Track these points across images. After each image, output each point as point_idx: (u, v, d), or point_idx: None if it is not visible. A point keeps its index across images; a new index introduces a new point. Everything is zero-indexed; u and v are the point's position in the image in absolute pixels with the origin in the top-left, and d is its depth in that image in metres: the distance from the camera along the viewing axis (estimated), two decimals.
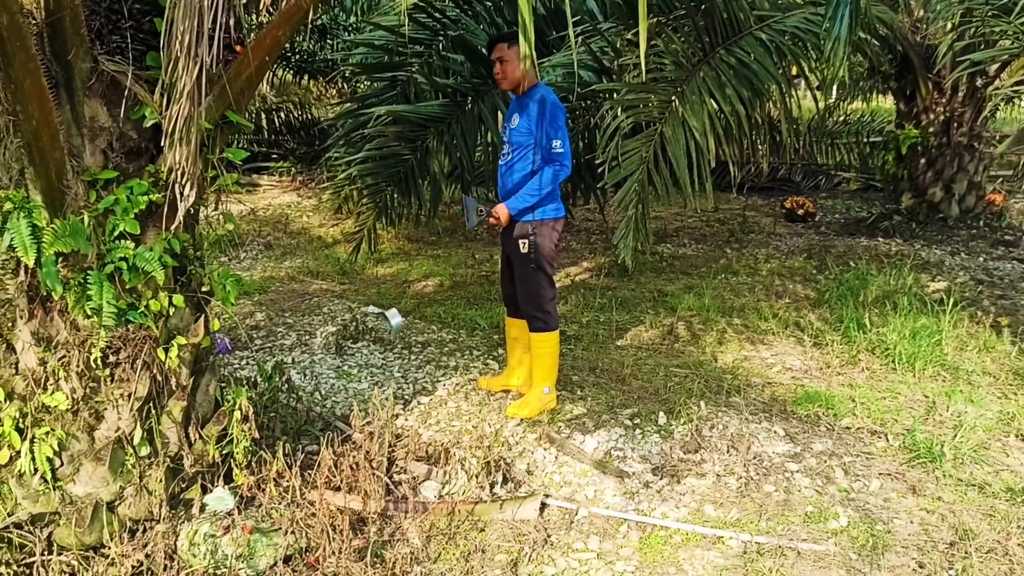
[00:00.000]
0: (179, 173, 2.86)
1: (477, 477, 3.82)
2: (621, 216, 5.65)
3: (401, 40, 6.76)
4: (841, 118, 11.96)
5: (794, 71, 6.86)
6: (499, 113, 6.56)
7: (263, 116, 12.05)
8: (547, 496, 3.74)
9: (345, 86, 12.49)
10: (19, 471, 3.03)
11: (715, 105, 6.07)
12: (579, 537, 3.48)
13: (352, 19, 11.87)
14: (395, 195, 6.88)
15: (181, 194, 2.89)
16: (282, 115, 12.47)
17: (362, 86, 9.60)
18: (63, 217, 2.88)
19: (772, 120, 7.60)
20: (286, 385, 4.40)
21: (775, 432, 4.31)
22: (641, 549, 3.39)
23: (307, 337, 5.94)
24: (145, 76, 2.96)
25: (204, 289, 3.40)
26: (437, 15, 6.74)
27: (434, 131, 6.61)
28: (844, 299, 6.50)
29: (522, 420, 4.50)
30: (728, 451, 4.07)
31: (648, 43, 6.22)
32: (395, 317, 6.19)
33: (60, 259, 2.90)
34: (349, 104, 6.94)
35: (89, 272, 2.93)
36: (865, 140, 11.49)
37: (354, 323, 6.04)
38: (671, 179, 5.86)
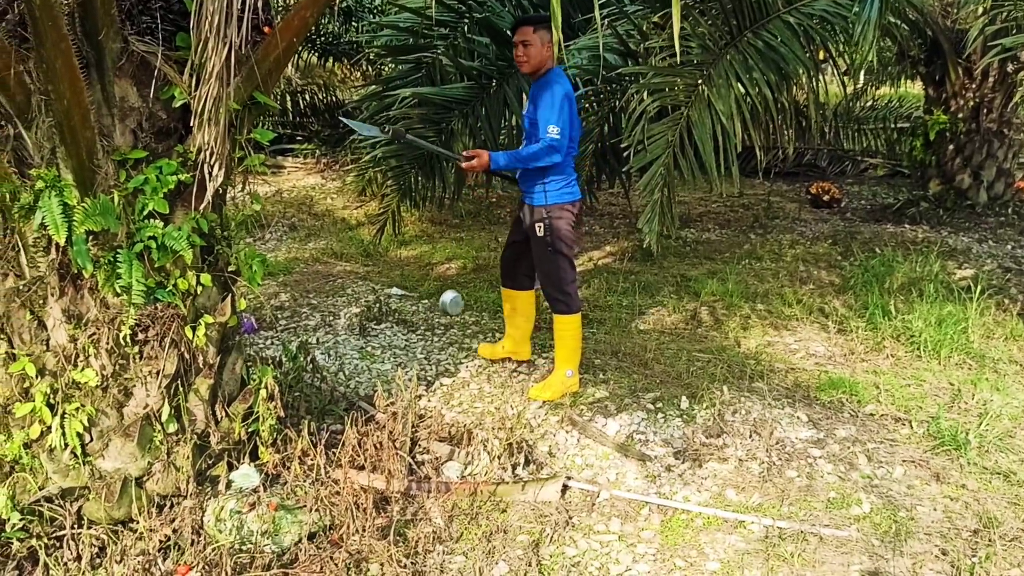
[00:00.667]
0: (207, 153, 2.88)
1: (499, 458, 3.84)
2: (646, 200, 5.63)
3: (427, 22, 6.75)
4: (868, 103, 11.83)
5: (822, 55, 6.80)
6: (524, 96, 6.55)
7: (288, 98, 12.07)
8: (569, 478, 3.76)
9: (369, 68, 12.49)
10: (50, 446, 3.08)
11: (741, 89, 6.03)
12: (600, 519, 3.50)
13: (377, 1, 11.87)
14: (419, 177, 6.90)
15: (209, 174, 2.91)
16: (307, 97, 12.49)
17: (386, 69, 9.61)
18: (93, 196, 2.92)
19: (799, 105, 7.54)
20: (311, 365, 4.43)
21: (798, 418, 4.30)
22: (662, 532, 3.41)
23: (331, 318, 5.98)
24: (175, 57, 2.98)
25: (231, 269, 3.44)
26: None
27: (458, 113, 6.61)
28: (869, 285, 6.47)
29: (544, 402, 4.51)
30: (751, 436, 4.07)
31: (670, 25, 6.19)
32: (449, 297, 6.16)
33: (90, 237, 2.93)
34: (374, 87, 6.94)
35: (119, 251, 2.96)
36: (893, 126, 11.36)
37: (377, 305, 6.07)
38: (697, 163, 5.84)
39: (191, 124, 3.03)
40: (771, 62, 6.07)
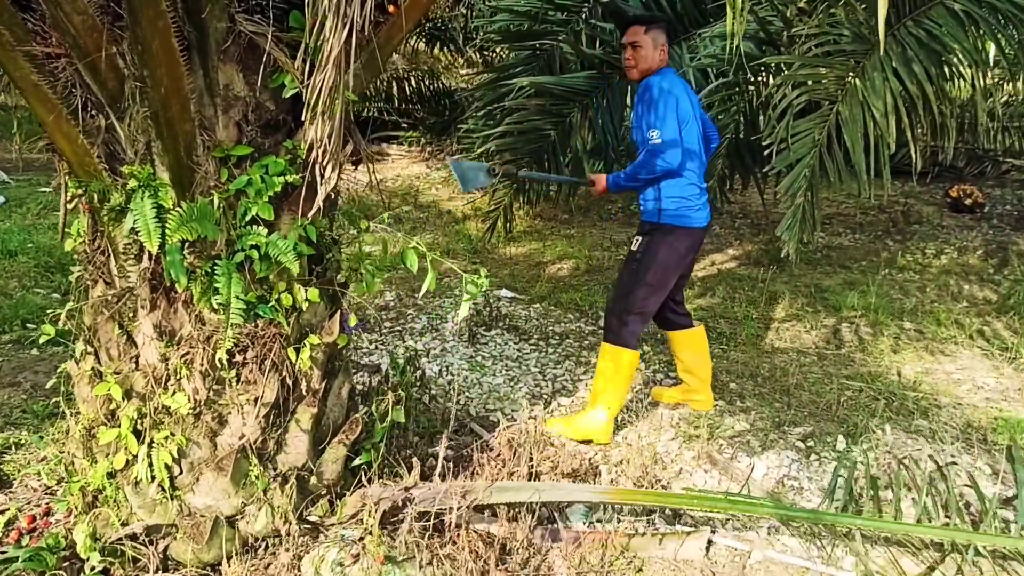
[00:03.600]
0: (320, 151, 2.47)
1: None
2: (788, 204, 5.06)
3: (547, 6, 6.28)
4: (1004, 99, 10.85)
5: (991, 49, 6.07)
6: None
7: (394, 84, 11.74)
8: (713, 531, 3.25)
9: (476, 55, 12.06)
10: (135, 477, 2.73)
11: (897, 83, 5.40)
12: None
13: None
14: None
15: (321, 176, 2.49)
16: (412, 83, 12.15)
17: (498, 55, 9.16)
18: (191, 198, 2.54)
19: (944, 99, 6.81)
20: (419, 379, 4.03)
21: (979, 468, 3.70)
22: None
23: (438, 321, 5.59)
24: (286, 39, 2.57)
25: (339, 278, 3.04)
26: None
27: (577, 105, 6.13)
28: None
29: (675, 434, 4.01)
30: (927, 490, 3.49)
31: (826, 11, 5.57)
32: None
33: (186, 245, 2.56)
34: (490, 74, 6.51)
35: (217, 261, 2.58)
36: None
37: (488, 308, 5.65)
38: (845, 164, 5.23)
39: (302, 117, 2.64)
40: (933, 53, 5.42)
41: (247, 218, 2.62)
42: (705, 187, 4.00)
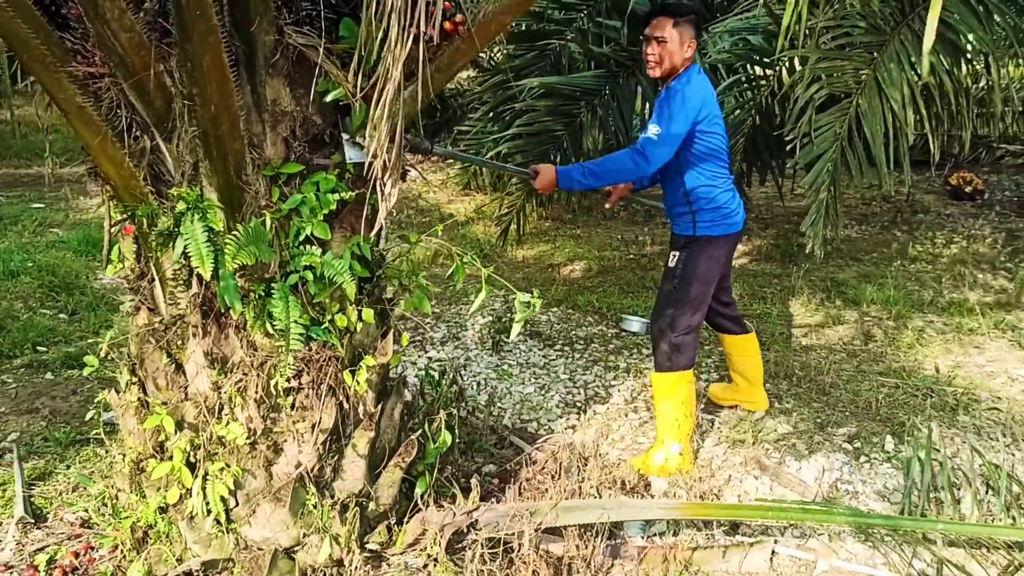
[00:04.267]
0: (380, 167, 2.35)
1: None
2: (811, 200, 4.99)
3: (552, 5, 6.20)
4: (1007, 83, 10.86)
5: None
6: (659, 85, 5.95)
7: None
8: (776, 541, 3.17)
9: (478, 56, 11.92)
10: (190, 512, 2.62)
11: (913, 74, 5.35)
12: None
13: None
14: None
15: (382, 192, 2.38)
16: None
17: (498, 55, 9.04)
18: (242, 219, 2.43)
19: (960, 89, 6.77)
20: (457, 394, 3.93)
21: None
22: None
23: (458, 330, 5.48)
24: (336, 50, 2.47)
25: (387, 296, 2.95)
26: None
27: (587, 105, 6.04)
28: None
29: (719, 439, 3.94)
30: (985, 489, 3.43)
31: (842, 1, 5.50)
32: (633, 324, 5.53)
33: (239, 269, 2.45)
34: (498, 76, 6.41)
35: (273, 285, 2.47)
36: None
37: (508, 314, 5.55)
38: (866, 157, 5.18)
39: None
40: (947, 43, 5.38)
41: (300, 238, 2.51)
42: (735, 188, 3.83)
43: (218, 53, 2.16)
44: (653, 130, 3.42)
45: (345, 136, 2.58)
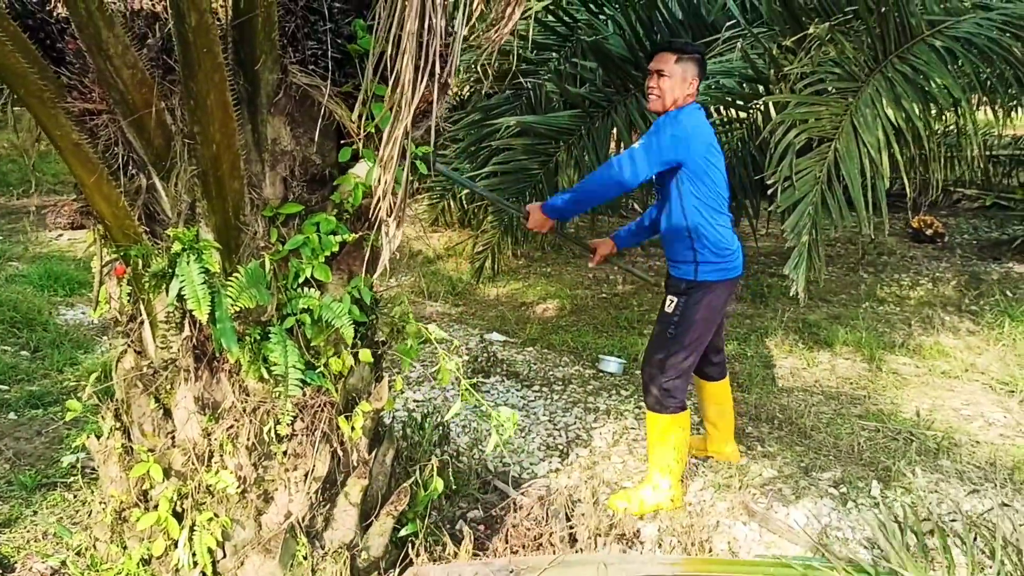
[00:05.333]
0: (387, 209, 2.30)
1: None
2: (793, 243, 5.02)
3: (530, 45, 6.22)
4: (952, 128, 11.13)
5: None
6: (633, 126, 5.99)
7: None
8: None
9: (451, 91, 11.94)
10: (175, 564, 2.51)
11: (886, 120, 5.45)
12: None
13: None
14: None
15: (387, 233, 2.33)
16: None
17: (466, 93, 9.07)
18: (239, 261, 2.36)
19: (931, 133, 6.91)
20: (442, 438, 3.86)
21: (1019, 511, 3.66)
22: None
23: (433, 369, 5.40)
24: (341, 90, 2.42)
25: (380, 339, 2.88)
26: (567, 19, 6.21)
27: (563, 144, 6.05)
28: None
29: (704, 484, 3.90)
30: (973, 535, 3.43)
31: (818, 49, 5.59)
32: (610, 364, 5.49)
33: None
34: (474, 115, 6.40)
35: (270, 328, 2.40)
36: (990, 154, 10.65)
37: (484, 354, 5.50)
38: (845, 201, 5.24)
39: (347, 170, 2.50)
40: (918, 89, 5.49)
41: (299, 280, 2.45)
42: (732, 228, 3.84)
43: (222, 91, 2.11)
44: (637, 144, 3.49)
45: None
